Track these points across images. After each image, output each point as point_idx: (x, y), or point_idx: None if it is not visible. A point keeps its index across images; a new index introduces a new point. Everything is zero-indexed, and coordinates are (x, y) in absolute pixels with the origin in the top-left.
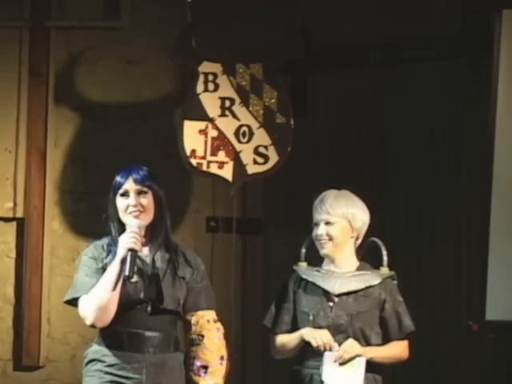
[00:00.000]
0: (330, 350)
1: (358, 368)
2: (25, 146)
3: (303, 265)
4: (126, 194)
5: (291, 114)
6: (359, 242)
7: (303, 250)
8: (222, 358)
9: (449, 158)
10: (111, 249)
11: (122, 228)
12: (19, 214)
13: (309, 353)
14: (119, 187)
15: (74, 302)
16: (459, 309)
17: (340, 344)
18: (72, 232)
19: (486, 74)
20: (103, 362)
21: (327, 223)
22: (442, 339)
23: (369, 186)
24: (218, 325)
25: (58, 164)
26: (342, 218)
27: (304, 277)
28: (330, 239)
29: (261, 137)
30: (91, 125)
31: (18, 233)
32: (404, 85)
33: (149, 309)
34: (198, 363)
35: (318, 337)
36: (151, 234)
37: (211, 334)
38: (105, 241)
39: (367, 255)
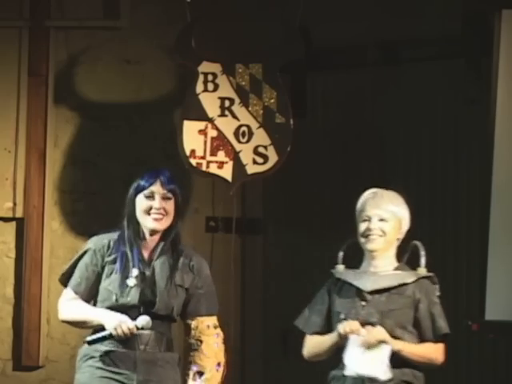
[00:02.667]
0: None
1: (382, 355)
2: (24, 145)
3: (340, 267)
4: (151, 196)
5: (291, 113)
6: (398, 244)
7: (341, 254)
8: (218, 364)
9: (448, 158)
10: (117, 247)
11: (138, 228)
12: (19, 214)
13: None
14: (144, 188)
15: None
16: (459, 309)
17: None
18: (72, 232)
19: (485, 73)
20: (94, 357)
21: (381, 219)
22: None
23: (368, 185)
24: (218, 330)
25: (58, 164)
26: (395, 217)
27: (338, 276)
28: (382, 235)
29: (260, 137)
30: (91, 125)
31: (18, 233)
32: (403, 85)
33: (141, 312)
34: (194, 368)
35: (346, 324)
36: (162, 238)
37: (210, 340)
38: (113, 236)
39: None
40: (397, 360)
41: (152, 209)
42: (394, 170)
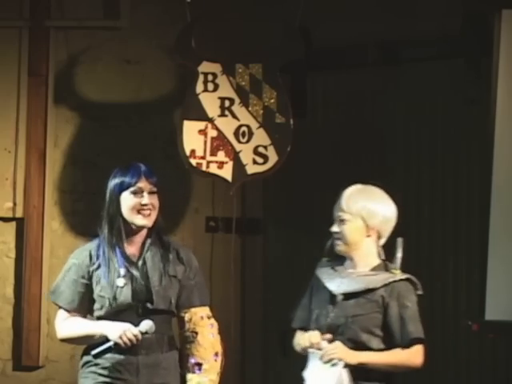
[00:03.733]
0: (319, 349)
1: (336, 371)
2: (24, 145)
3: (324, 259)
4: (138, 192)
5: (291, 113)
6: (383, 240)
7: (327, 246)
8: (216, 354)
9: (448, 158)
10: (99, 253)
11: (124, 226)
12: (19, 214)
13: None
14: (130, 185)
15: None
16: (459, 309)
17: None
18: (72, 232)
19: (485, 73)
20: (97, 364)
21: (341, 220)
22: (442, 339)
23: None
24: (212, 321)
25: (58, 164)
26: (356, 216)
27: (317, 273)
28: (341, 238)
29: (260, 137)
30: (91, 125)
31: (18, 233)
32: (403, 85)
33: (140, 311)
34: (192, 360)
35: (306, 338)
36: (149, 232)
37: (205, 331)
38: (93, 245)
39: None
40: (363, 372)
41: (140, 205)
42: (394, 169)
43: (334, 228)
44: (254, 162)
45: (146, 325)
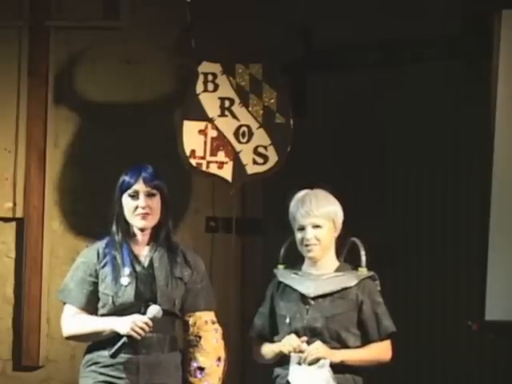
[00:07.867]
0: (301, 352)
1: (322, 370)
2: (24, 145)
3: (281, 267)
4: (135, 195)
5: (291, 114)
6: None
7: (282, 251)
8: (218, 359)
9: (448, 158)
10: (107, 251)
11: (127, 227)
12: (19, 214)
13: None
14: (128, 187)
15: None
16: (459, 309)
17: None
18: (72, 232)
19: (485, 74)
20: (98, 363)
21: (315, 226)
22: (442, 339)
23: (368, 185)
24: (216, 326)
25: (58, 164)
26: (328, 219)
27: (281, 280)
28: (318, 243)
29: (260, 137)
30: (91, 125)
31: (18, 233)
32: (403, 85)
33: (142, 310)
34: (194, 364)
35: (286, 344)
36: (154, 234)
37: (208, 335)
38: (101, 244)
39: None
40: (339, 365)
41: (137, 208)
42: (394, 169)
43: (309, 235)
44: (254, 162)
45: (154, 310)
